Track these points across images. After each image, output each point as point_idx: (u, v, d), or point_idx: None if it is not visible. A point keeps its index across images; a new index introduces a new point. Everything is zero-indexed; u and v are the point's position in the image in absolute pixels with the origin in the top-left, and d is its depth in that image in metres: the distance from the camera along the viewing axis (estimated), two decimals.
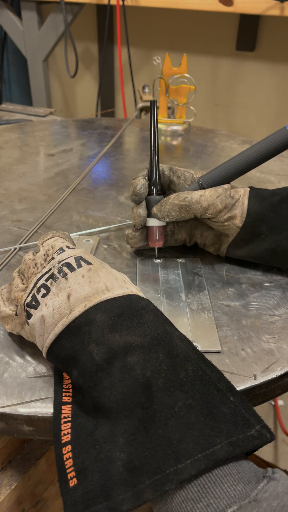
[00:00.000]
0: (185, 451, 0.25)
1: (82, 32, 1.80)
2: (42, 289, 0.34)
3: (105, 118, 1.15)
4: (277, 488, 0.24)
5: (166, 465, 0.24)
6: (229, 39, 1.54)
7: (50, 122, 1.07)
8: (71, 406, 0.31)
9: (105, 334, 0.31)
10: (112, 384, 0.28)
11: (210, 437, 0.25)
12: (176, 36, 1.63)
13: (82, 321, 0.32)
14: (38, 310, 0.34)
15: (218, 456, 0.24)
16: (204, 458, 0.24)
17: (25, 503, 0.45)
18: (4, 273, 0.50)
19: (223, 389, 0.28)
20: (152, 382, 0.28)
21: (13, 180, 0.74)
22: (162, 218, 0.47)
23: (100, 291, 0.33)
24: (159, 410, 0.26)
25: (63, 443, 0.28)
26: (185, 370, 0.29)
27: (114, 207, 0.66)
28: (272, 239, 0.46)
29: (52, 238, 0.39)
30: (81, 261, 0.35)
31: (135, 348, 0.30)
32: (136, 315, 0.32)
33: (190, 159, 0.85)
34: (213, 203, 0.45)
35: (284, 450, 1.15)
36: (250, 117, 1.63)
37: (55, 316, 0.33)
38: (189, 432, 0.25)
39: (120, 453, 0.26)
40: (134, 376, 0.28)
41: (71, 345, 0.32)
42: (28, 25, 1.59)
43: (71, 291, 0.33)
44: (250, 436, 0.26)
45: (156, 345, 0.30)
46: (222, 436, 0.25)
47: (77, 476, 0.26)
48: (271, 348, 0.40)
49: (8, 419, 0.34)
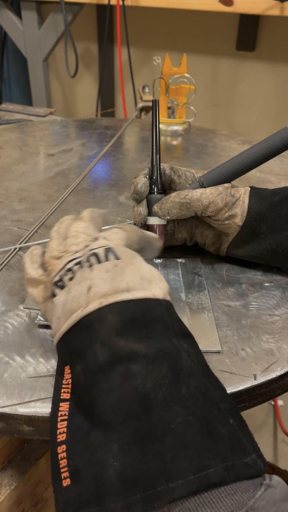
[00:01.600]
0: (178, 470, 0.24)
1: (82, 32, 1.80)
2: (69, 272, 0.34)
3: (105, 118, 1.15)
4: (274, 496, 0.24)
5: (158, 483, 0.24)
6: (229, 39, 1.54)
7: (50, 122, 1.07)
8: (68, 404, 0.31)
9: (112, 337, 0.30)
10: (110, 388, 0.28)
11: (205, 459, 0.25)
12: (176, 36, 1.63)
13: (94, 317, 0.32)
14: (63, 292, 0.34)
15: (211, 480, 0.24)
16: (196, 480, 0.24)
17: (25, 503, 0.45)
18: (4, 273, 0.50)
19: (224, 410, 0.28)
20: (152, 395, 0.27)
21: (13, 180, 0.74)
22: (163, 216, 0.47)
23: (119, 291, 0.33)
24: (156, 425, 0.26)
25: (58, 442, 0.28)
26: (188, 386, 0.28)
27: (114, 207, 0.66)
28: (272, 239, 0.46)
29: (113, 228, 0.38)
30: (110, 254, 0.34)
31: (140, 357, 0.29)
32: (146, 327, 0.31)
33: (190, 159, 0.85)
34: (213, 201, 0.45)
35: (284, 450, 1.15)
36: (250, 117, 1.63)
37: (74, 304, 0.33)
38: (184, 451, 0.25)
39: (113, 460, 0.25)
40: (133, 385, 0.28)
41: (81, 338, 0.32)
42: (28, 25, 1.59)
43: (93, 283, 0.33)
44: (245, 464, 0.25)
45: (161, 358, 0.29)
46: (218, 459, 0.25)
47: (70, 477, 0.26)
48: (271, 348, 0.40)
49: (8, 419, 0.34)
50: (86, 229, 0.39)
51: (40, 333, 0.41)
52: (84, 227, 0.39)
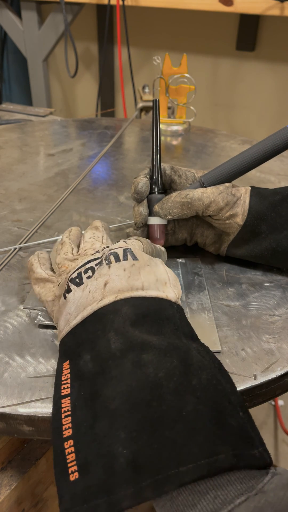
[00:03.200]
0: (188, 455, 0.25)
1: (82, 32, 1.80)
2: (89, 271, 0.36)
3: (105, 118, 1.15)
4: (282, 480, 0.24)
5: (168, 467, 0.24)
6: (229, 39, 1.54)
7: (50, 122, 1.07)
8: (69, 399, 0.31)
9: (126, 326, 0.32)
10: (121, 375, 0.29)
11: (216, 446, 0.25)
12: (176, 36, 1.63)
13: (109, 309, 0.33)
14: (79, 288, 0.35)
15: (221, 465, 0.24)
16: (207, 465, 0.24)
17: (25, 503, 0.45)
18: (4, 273, 0.50)
19: (234, 403, 0.28)
20: (164, 383, 0.28)
21: (13, 180, 0.74)
22: (164, 215, 0.47)
23: (134, 288, 0.34)
24: (167, 412, 0.26)
25: (64, 438, 0.28)
26: (199, 378, 0.29)
27: (114, 207, 0.65)
28: (273, 239, 0.46)
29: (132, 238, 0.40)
30: (129, 254, 0.36)
31: (152, 347, 0.30)
32: (158, 323, 0.33)
33: (190, 159, 0.85)
34: (214, 200, 0.45)
35: (284, 450, 1.15)
36: (250, 117, 1.63)
37: (88, 298, 0.34)
38: (195, 437, 0.25)
39: (123, 449, 0.26)
40: (145, 373, 0.28)
41: (94, 330, 0.32)
42: (28, 25, 1.59)
43: (109, 279, 0.34)
44: (253, 456, 0.25)
45: (172, 351, 0.30)
46: (228, 447, 0.25)
47: (79, 471, 0.26)
48: (271, 348, 0.40)
49: (8, 419, 0.34)
50: (100, 237, 0.42)
51: (40, 333, 0.41)
52: (99, 237, 0.43)
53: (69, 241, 0.43)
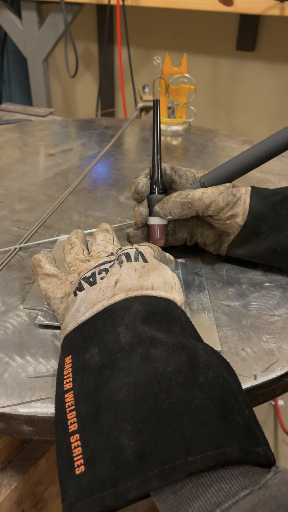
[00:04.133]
0: (196, 446, 0.25)
1: (82, 32, 1.80)
2: (103, 272, 0.37)
3: (105, 118, 1.15)
4: (285, 476, 0.24)
5: (176, 457, 0.24)
6: (229, 39, 1.54)
7: (50, 122, 1.07)
8: (72, 393, 0.31)
9: (136, 322, 0.32)
10: (129, 367, 0.29)
11: (223, 439, 0.25)
12: (176, 36, 1.63)
13: (119, 306, 0.34)
14: (92, 288, 0.36)
15: (229, 457, 0.24)
16: (215, 456, 0.24)
17: (25, 503, 0.45)
18: (4, 273, 0.50)
19: (240, 401, 0.28)
20: (172, 377, 0.28)
21: (13, 180, 0.74)
22: (164, 215, 0.47)
23: (144, 288, 0.35)
24: (175, 404, 0.27)
25: (70, 432, 0.28)
26: (205, 375, 0.29)
27: (114, 207, 0.65)
28: (273, 239, 0.46)
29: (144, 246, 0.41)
30: (140, 256, 0.37)
31: (161, 343, 0.31)
32: (167, 322, 0.33)
33: (190, 159, 0.85)
34: (215, 200, 0.45)
35: (284, 450, 1.15)
36: (250, 117, 1.63)
37: (99, 296, 0.35)
38: (203, 430, 0.25)
39: (129, 441, 0.26)
40: (154, 367, 0.29)
41: (103, 325, 0.33)
42: (28, 25, 1.59)
43: (120, 278, 0.35)
44: (258, 453, 0.26)
45: (180, 349, 0.30)
46: (234, 441, 0.25)
47: (85, 464, 0.26)
48: (271, 348, 0.40)
49: (8, 419, 0.34)
50: (111, 239, 0.44)
51: (40, 333, 0.41)
52: (110, 239, 0.44)
53: (79, 242, 0.44)
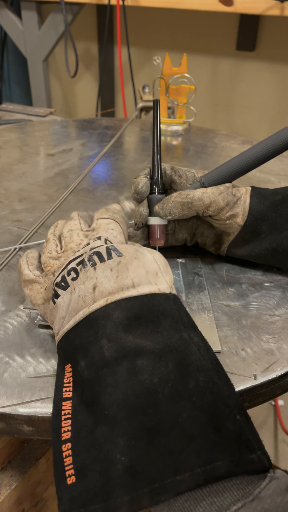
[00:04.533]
0: (185, 463, 0.24)
1: (82, 32, 1.80)
2: (72, 272, 0.35)
3: (105, 118, 1.15)
4: (279, 485, 0.24)
5: (165, 475, 0.24)
6: (229, 39, 1.54)
7: (50, 122, 1.07)
8: (71, 402, 0.31)
9: (118, 332, 0.31)
10: (116, 383, 0.28)
11: (212, 452, 0.25)
12: (176, 36, 1.63)
13: (100, 314, 0.32)
14: (67, 292, 0.34)
15: (218, 473, 0.24)
16: (203, 473, 0.24)
17: (25, 503, 0.45)
18: (4, 273, 0.50)
19: (231, 406, 0.28)
20: (159, 390, 0.27)
21: (13, 180, 0.74)
22: (165, 216, 0.47)
23: (125, 288, 0.33)
24: (163, 419, 0.26)
25: (63, 440, 0.28)
26: (196, 380, 0.28)
27: None
28: (273, 238, 0.46)
29: (107, 220, 0.39)
30: (113, 252, 0.35)
31: (146, 352, 0.29)
32: (153, 321, 0.32)
33: (190, 159, 0.85)
34: (215, 200, 0.45)
35: (284, 450, 1.15)
36: (250, 117, 1.63)
37: (79, 303, 0.33)
38: (191, 445, 0.25)
39: (121, 455, 0.26)
40: (140, 380, 0.28)
41: (87, 335, 0.32)
42: (28, 25, 1.59)
43: (97, 282, 0.33)
44: (251, 460, 0.25)
45: (167, 354, 0.29)
46: (224, 453, 0.25)
47: (76, 475, 0.26)
48: (271, 348, 0.40)
49: (8, 419, 0.34)
50: (77, 225, 0.41)
51: (40, 333, 0.41)
52: (75, 224, 0.41)
53: (53, 237, 0.42)
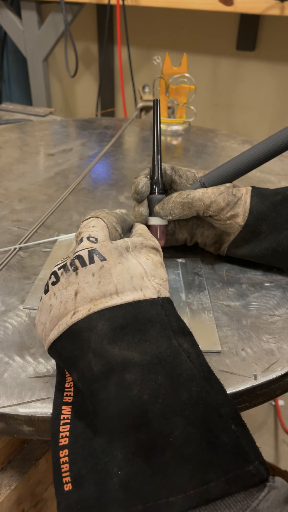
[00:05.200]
0: (178, 484, 0.24)
1: (82, 32, 1.80)
2: (52, 276, 0.34)
3: (105, 118, 1.15)
4: (278, 497, 0.24)
5: (159, 495, 0.24)
6: (229, 39, 1.54)
7: (50, 122, 1.07)
8: (71, 407, 0.30)
9: (104, 345, 0.29)
10: (108, 398, 0.28)
11: (206, 473, 0.24)
12: (176, 36, 1.63)
13: (83, 326, 0.31)
14: (47, 296, 0.34)
15: (212, 494, 0.24)
16: (196, 496, 0.24)
17: (25, 503, 0.45)
18: (4, 273, 0.50)
19: (225, 415, 0.27)
20: (149, 408, 0.26)
21: (13, 180, 0.74)
22: (165, 216, 0.47)
23: (108, 295, 0.32)
24: (156, 439, 0.26)
25: (60, 446, 0.28)
26: (188, 391, 0.27)
27: (114, 207, 0.65)
28: (273, 238, 0.46)
29: (89, 219, 0.38)
30: (95, 255, 0.33)
31: (134, 365, 0.28)
32: (140, 330, 0.30)
33: (190, 159, 0.85)
34: (215, 200, 0.45)
35: (284, 450, 1.15)
36: (250, 117, 1.63)
37: (61, 310, 0.32)
38: (184, 465, 0.25)
39: (117, 469, 0.25)
40: (130, 396, 0.27)
41: (72, 348, 0.31)
42: (28, 25, 1.59)
43: (79, 288, 0.32)
44: (248, 472, 0.25)
45: (157, 365, 0.28)
46: (219, 472, 0.24)
47: (72, 482, 0.26)
48: (271, 348, 0.40)
49: (8, 419, 0.34)
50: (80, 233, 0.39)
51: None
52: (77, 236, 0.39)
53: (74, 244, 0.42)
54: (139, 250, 0.36)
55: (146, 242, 0.37)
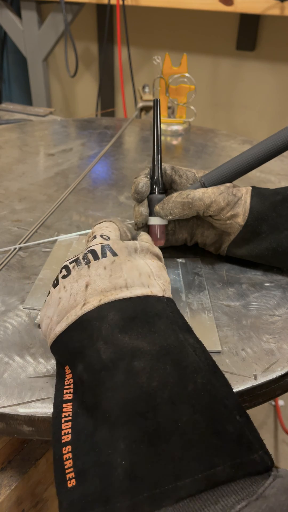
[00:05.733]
0: (186, 469, 0.24)
1: (82, 32, 1.80)
2: (63, 270, 0.35)
3: (105, 118, 1.15)
4: (284, 484, 0.24)
5: (166, 481, 0.24)
6: (229, 39, 1.54)
7: (50, 122, 1.07)
8: (71, 404, 0.30)
9: (114, 334, 0.30)
10: (115, 386, 0.28)
11: (213, 457, 0.25)
12: (176, 36, 1.63)
13: (94, 315, 0.31)
14: (56, 290, 0.34)
15: (219, 478, 0.24)
16: (204, 479, 0.24)
17: (25, 503, 0.45)
18: (4, 273, 0.50)
19: (230, 407, 0.27)
20: (158, 393, 0.27)
21: (13, 180, 0.74)
22: (165, 215, 0.47)
23: (118, 288, 0.32)
24: (163, 424, 0.26)
25: (63, 443, 0.28)
26: (194, 382, 0.28)
27: (114, 207, 0.65)
28: (273, 238, 0.46)
29: (103, 222, 0.39)
30: (108, 250, 0.34)
31: (143, 353, 0.29)
32: (149, 322, 0.31)
33: (190, 159, 0.85)
34: (215, 200, 0.45)
35: (284, 450, 1.15)
36: (250, 117, 1.63)
37: (70, 302, 0.32)
38: (192, 450, 0.25)
39: (121, 459, 0.25)
40: (138, 383, 0.27)
41: (81, 338, 0.31)
42: (28, 24, 1.58)
43: (90, 280, 0.33)
44: (253, 461, 0.25)
45: (165, 356, 0.29)
46: (226, 457, 0.25)
47: (76, 478, 0.26)
48: (271, 348, 0.40)
49: (8, 419, 0.34)
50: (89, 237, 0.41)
51: (40, 333, 0.41)
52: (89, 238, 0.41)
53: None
54: (145, 254, 0.37)
55: (152, 248, 0.38)
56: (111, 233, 0.38)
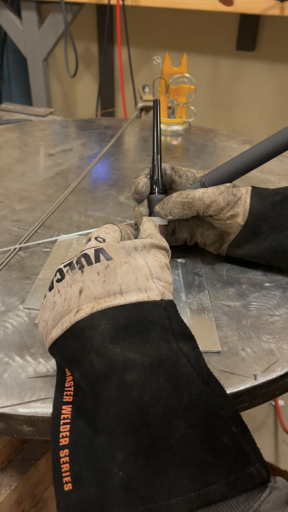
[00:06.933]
0: (179, 487, 0.24)
1: (82, 32, 1.80)
2: (58, 273, 0.34)
3: (105, 118, 1.15)
4: (280, 498, 0.24)
5: (160, 497, 0.24)
6: (229, 39, 1.54)
7: (50, 122, 1.07)
8: (71, 407, 0.30)
9: (105, 344, 0.29)
10: (109, 400, 0.28)
11: (207, 475, 0.24)
12: (176, 36, 1.63)
13: (86, 324, 0.31)
14: (51, 293, 0.33)
15: (213, 497, 0.24)
16: (197, 498, 0.24)
17: (25, 503, 0.45)
18: (4, 273, 0.50)
19: (226, 418, 0.27)
20: (150, 409, 0.26)
21: (13, 180, 0.74)
22: (165, 215, 0.47)
23: (112, 294, 0.32)
24: (157, 441, 0.26)
25: (61, 446, 0.28)
26: (188, 394, 0.27)
27: (114, 207, 0.65)
28: (273, 238, 0.46)
29: (103, 226, 0.39)
30: (101, 254, 0.33)
31: (135, 366, 0.28)
32: (141, 332, 0.30)
33: (190, 159, 0.85)
34: (215, 200, 0.45)
35: (284, 451, 1.15)
36: (250, 117, 1.63)
37: (64, 307, 0.32)
38: (185, 468, 0.25)
39: (118, 470, 0.25)
40: (131, 398, 0.27)
41: (75, 347, 0.31)
42: (28, 25, 1.59)
43: (84, 286, 0.32)
44: (249, 474, 0.25)
45: (157, 367, 0.28)
46: (220, 475, 0.24)
47: (72, 482, 0.26)
48: (271, 348, 0.40)
49: (8, 419, 0.34)
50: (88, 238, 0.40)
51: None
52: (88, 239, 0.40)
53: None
54: (148, 250, 0.36)
55: (157, 242, 0.37)
56: (108, 235, 0.37)
